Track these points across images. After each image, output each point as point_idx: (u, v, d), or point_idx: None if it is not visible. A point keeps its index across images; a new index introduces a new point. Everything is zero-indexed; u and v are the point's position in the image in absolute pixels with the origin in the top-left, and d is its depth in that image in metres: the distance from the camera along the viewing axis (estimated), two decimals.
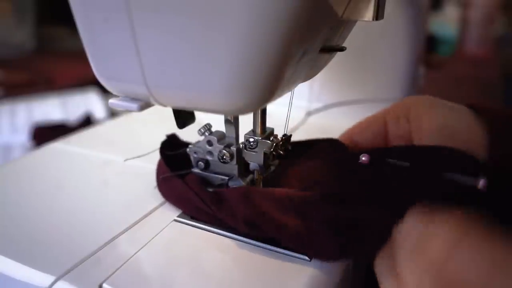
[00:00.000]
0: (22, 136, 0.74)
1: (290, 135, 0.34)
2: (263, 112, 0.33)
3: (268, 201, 0.28)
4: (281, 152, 0.33)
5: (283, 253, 0.29)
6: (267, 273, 0.27)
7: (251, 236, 0.30)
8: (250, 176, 0.35)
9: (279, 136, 0.33)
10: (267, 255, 0.29)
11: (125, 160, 0.36)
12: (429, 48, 1.10)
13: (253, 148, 0.32)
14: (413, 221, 0.24)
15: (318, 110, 0.54)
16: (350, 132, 0.34)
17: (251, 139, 0.32)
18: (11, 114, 0.83)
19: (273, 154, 0.33)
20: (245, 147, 0.33)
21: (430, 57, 1.14)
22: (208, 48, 0.22)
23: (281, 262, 0.28)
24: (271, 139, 0.32)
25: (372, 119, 0.33)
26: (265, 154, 0.32)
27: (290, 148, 0.34)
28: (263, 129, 0.33)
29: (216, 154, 0.33)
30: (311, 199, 0.27)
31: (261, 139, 0.32)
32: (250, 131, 0.33)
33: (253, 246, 0.30)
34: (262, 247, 0.29)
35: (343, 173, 0.29)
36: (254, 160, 0.33)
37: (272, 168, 0.34)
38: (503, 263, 0.20)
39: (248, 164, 0.33)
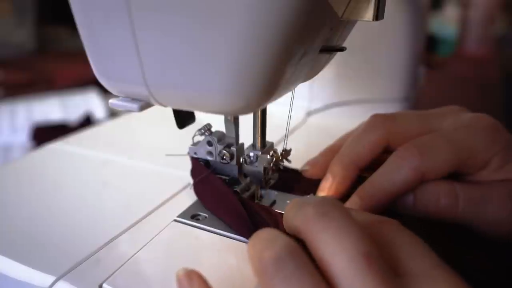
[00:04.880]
0: (22, 136, 0.73)
1: (290, 150, 0.34)
2: (263, 125, 0.33)
3: None
4: (281, 167, 0.34)
5: None
6: None
7: None
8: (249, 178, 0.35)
9: (279, 151, 0.34)
10: None
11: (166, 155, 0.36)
12: (429, 48, 1.10)
13: (253, 163, 0.33)
14: None
15: (318, 110, 0.54)
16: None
17: (251, 154, 0.33)
18: (11, 114, 0.82)
19: (273, 169, 0.33)
20: (245, 162, 0.33)
21: (430, 57, 1.14)
22: (208, 48, 0.22)
23: None
24: (270, 153, 0.33)
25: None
26: (265, 168, 0.32)
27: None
28: (262, 143, 0.33)
29: (216, 154, 0.33)
30: None
31: (261, 153, 0.33)
32: (250, 146, 0.33)
33: None
34: None
35: None
36: (254, 174, 0.33)
37: (272, 182, 0.34)
38: None
39: None
